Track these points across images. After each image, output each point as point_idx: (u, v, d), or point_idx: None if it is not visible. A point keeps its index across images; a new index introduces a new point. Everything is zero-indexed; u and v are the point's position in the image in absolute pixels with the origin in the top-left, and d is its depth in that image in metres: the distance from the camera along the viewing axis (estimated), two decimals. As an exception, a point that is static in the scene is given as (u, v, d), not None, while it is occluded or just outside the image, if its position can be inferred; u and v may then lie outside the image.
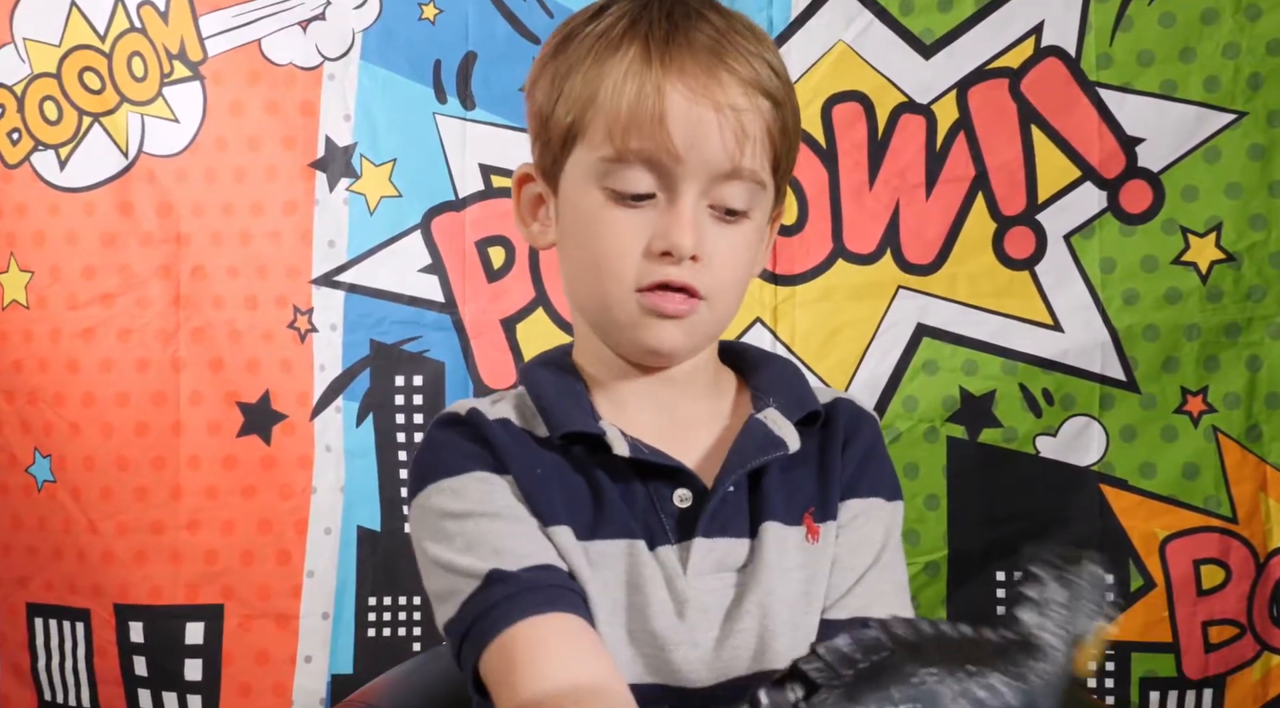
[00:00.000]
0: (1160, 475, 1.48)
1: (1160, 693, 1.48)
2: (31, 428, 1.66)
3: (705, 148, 0.72)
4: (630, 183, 0.73)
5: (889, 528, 0.81)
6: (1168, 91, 1.48)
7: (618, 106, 0.73)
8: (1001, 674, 0.53)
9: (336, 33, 1.61)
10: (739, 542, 0.77)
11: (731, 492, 0.77)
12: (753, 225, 0.76)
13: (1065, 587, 0.57)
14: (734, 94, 0.72)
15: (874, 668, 0.52)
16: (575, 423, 0.77)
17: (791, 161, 0.79)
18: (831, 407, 0.82)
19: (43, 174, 1.64)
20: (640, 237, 0.74)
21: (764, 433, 0.77)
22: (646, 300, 0.74)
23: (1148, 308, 1.48)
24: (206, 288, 1.63)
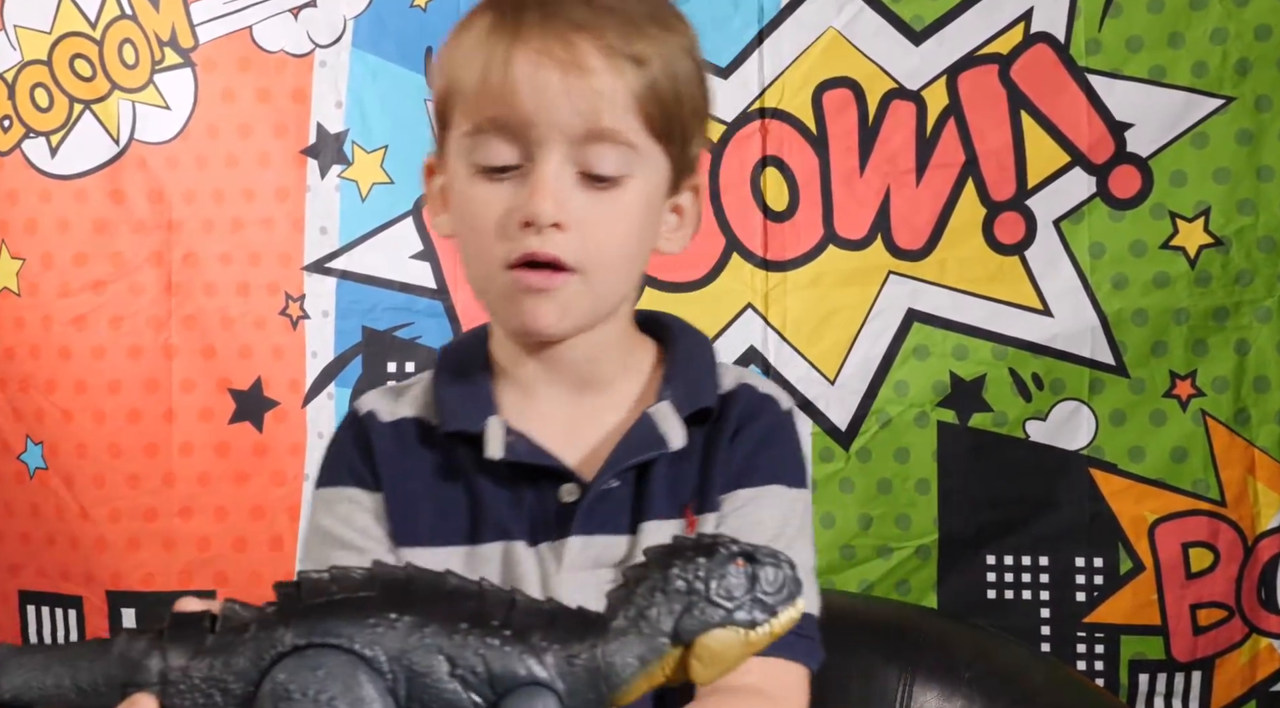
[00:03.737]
0: (1149, 459, 1.49)
1: (1149, 675, 1.48)
2: (23, 415, 1.67)
3: (556, 110, 0.71)
4: (490, 155, 0.72)
5: (786, 515, 0.78)
6: (1156, 77, 1.48)
7: (470, 79, 0.72)
8: (502, 643, 0.51)
9: (328, 20, 1.61)
10: (617, 539, 0.76)
11: (615, 488, 0.76)
12: (634, 192, 0.74)
13: (688, 578, 0.52)
14: (585, 55, 0.71)
15: (340, 604, 0.51)
16: (459, 422, 0.77)
17: (687, 128, 0.76)
18: (730, 396, 0.80)
19: (34, 161, 1.65)
20: (505, 208, 0.72)
21: (649, 430, 0.77)
22: (514, 277, 0.72)
23: (1136, 292, 1.49)
24: (198, 275, 1.64)
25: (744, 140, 1.56)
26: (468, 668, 0.50)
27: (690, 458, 0.78)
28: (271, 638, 0.51)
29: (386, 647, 0.50)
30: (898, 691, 1.04)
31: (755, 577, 0.52)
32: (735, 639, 0.52)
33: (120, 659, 0.53)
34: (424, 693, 0.50)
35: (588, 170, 0.72)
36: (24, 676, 0.54)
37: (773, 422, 0.80)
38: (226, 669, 0.51)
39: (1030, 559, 1.51)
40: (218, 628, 0.52)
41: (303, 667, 0.50)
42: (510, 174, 0.72)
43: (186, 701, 0.52)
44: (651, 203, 0.76)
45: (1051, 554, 1.50)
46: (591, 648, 0.51)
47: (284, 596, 0.52)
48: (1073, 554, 1.50)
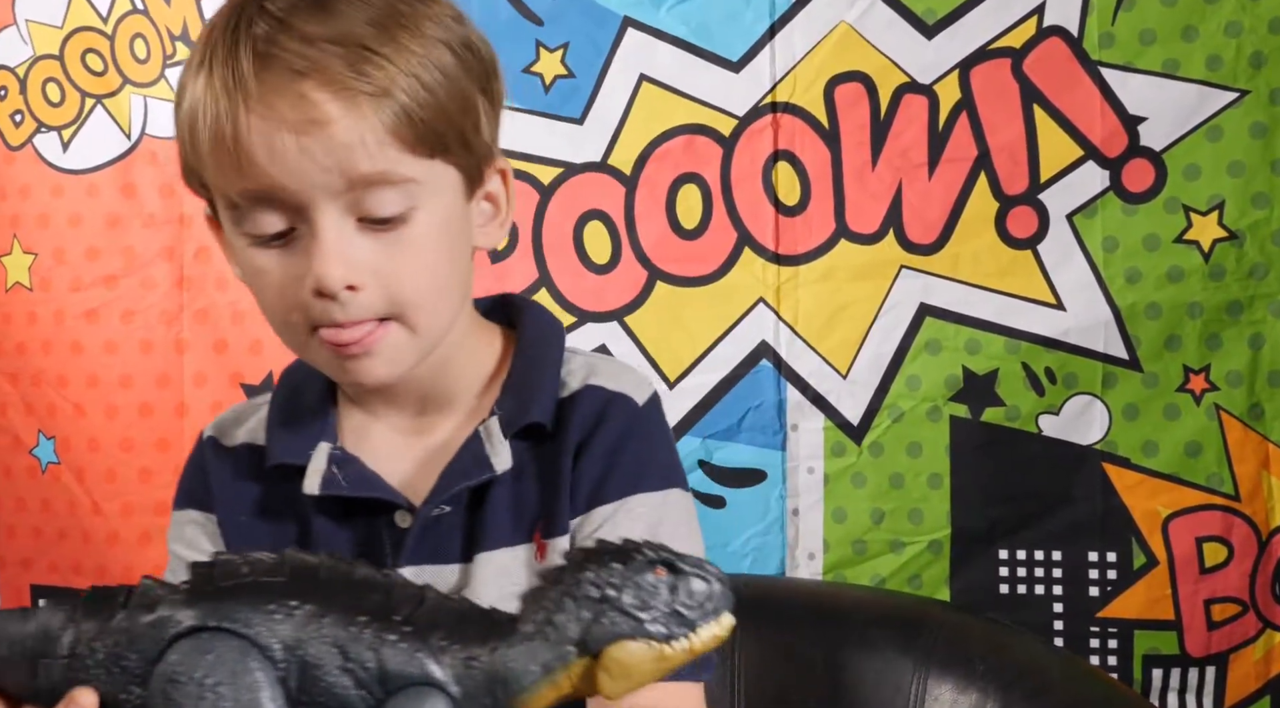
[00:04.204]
0: (1163, 454, 1.48)
1: (1163, 671, 1.48)
2: (35, 410, 1.68)
3: (306, 174, 0.65)
4: (260, 225, 0.67)
5: (655, 524, 0.73)
6: (1170, 70, 1.48)
7: (206, 152, 0.66)
8: (399, 639, 0.49)
9: (339, 14, 1.62)
10: (448, 568, 0.73)
11: (446, 513, 0.72)
12: (424, 222, 0.68)
13: (600, 584, 0.49)
14: (318, 107, 0.64)
15: (247, 587, 0.51)
16: (285, 454, 0.74)
17: (463, 129, 0.70)
18: (572, 400, 0.75)
19: (46, 156, 1.66)
20: (292, 278, 0.67)
21: (476, 452, 0.72)
22: (327, 343, 0.68)
23: (1150, 286, 1.48)
24: (210, 269, 1.65)
25: (755, 135, 1.56)
26: (359, 663, 0.49)
27: (531, 476, 0.73)
28: (173, 618, 0.51)
29: (281, 635, 0.49)
30: (912, 683, 1.03)
31: (675, 588, 0.49)
32: (647, 653, 0.49)
33: (37, 631, 0.53)
34: (314, 685, 0.49)
35: (367, 216, 0.67)
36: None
37: (623, 425, 0.74)
38: (129, 646, 0.51)
39: (1043, 554, 1.51)
40: (130, 603, 0.52)
41: (195, 650, 0.50)
42: (288, 237, 0.67)
43: (91, 675, 0.52)
44: (450, 220, 0.71)
45: (1064, 549, 1.49)
46: (492, 652, 0.49)
47: (197, 575, 0.52)
48: (1086, 549, 1.50)
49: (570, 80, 1.59)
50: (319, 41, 0.65)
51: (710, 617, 0.49)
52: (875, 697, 1.05)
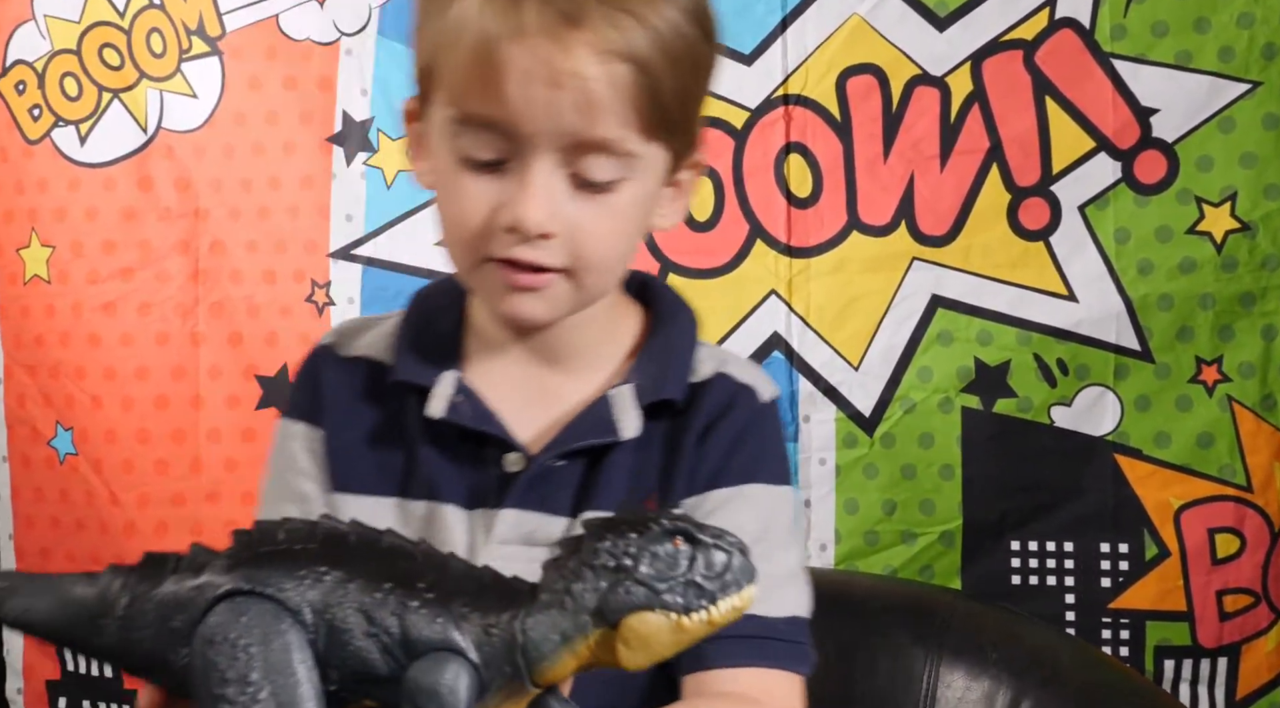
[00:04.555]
0: (1175, 445, 1.49)
1: (1175, 662, 1.48)
2: (53, 401, 1.69)
3: (547, 119, 0.66)
4: (477, 148, 0.68)
5: (768, 516, 0.74)
6: (1182, 62, 1.48)
7: (457, 63, 0.67)
8: (422, 606, 0.50)
9: (353, 8, 1.62)
10: (555, 520, 0.73)
11: (561, 466, 0.73)
12: (628, 194, 0.70)
13: (617, 554, 0.49)
14: (580, 60, 0.65)
15: (282, 553, 0.53)
16: (409, 373, 0.75)
17: (688, 117, 0.71)
18: (703, 386, 0.76)
19: (63, 150, 1.66)
20: (490, 206, 0.68)
21: (603, 414, 0.73)
22: (498, 272, 0.69)
23: (1162, 278, 1.48)
24: (225, 262, 1.65)
25: (768, 127, 1.56)
26: (383, 628, 0.50)
27: (652, 451, 0.74)
28: (215, 582, 0.53)
29: (311, 599, 0.51)
30: (925, 671, 1.04)
31: (694, 558, 0.49)
32: (664, 624, 0.49)
33: (97, 594, 0.56)
34: (341, 648, 0.51)
35: (580, 174, 0.68)
36: (27, 601, 0.58)
37: (749, 416, 0.76)
38: (177, 609, 0.53)
39: (1055, 545, 1.51)
40: (180, 568, 0.55)
41: (230, 612, 0.52)
42: (498, 168, 0.68)
43: (143, 635, 0.54)
44: (647, 199, 0.72)
45: (1076, 540, 1.50)
46: (512, 620, 0.50)
47: (239, 542, 0.54)
48: (1098, 540, 1.50)
49: (583, 73, 1.60)
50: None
51: (730, 589, 0.49)
52: (888, 685, 1.05)
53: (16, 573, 0.60)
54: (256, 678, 0.50)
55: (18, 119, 1.66)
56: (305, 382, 0.79)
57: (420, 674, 0.49)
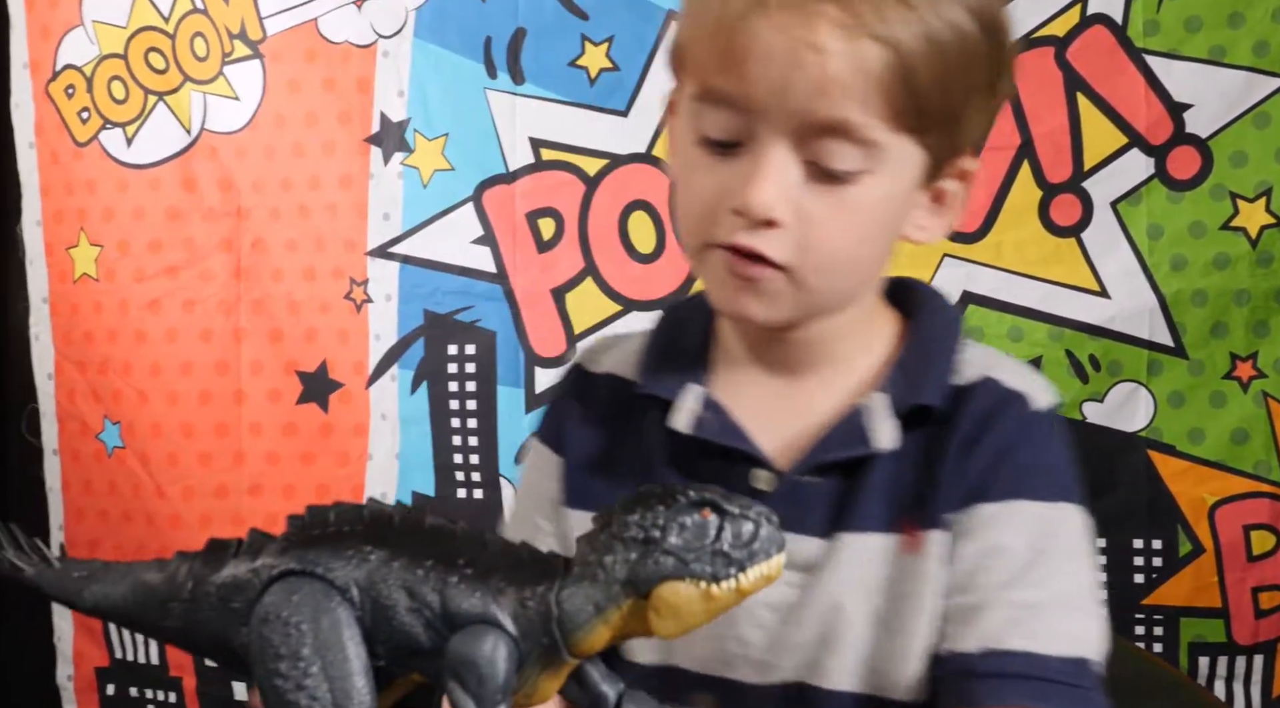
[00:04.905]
0: (1209, 441, 1.48)
1: (1210, 658, 1.48)
2: (101, 396, 1.73)
3: (783, 95, 0.62)
4: (713, 127, 0.65)
5: (1039, 537, 0.67)
6: (1216, 57, 1.47)
7: (702, 38, 0.65)
8: (461, 581, 0.52)
9: (390, 11, 1.65)
10: (809, 541, 0.69)
11: (814, 483, 0.69)
12: (869, 190, 0.64)
13: (645, 526, 0.50)
14: (823, 34, 0.61)
15: (331, 536, 0.54)
16: (654, 386, 0.72)
17: (954, 111, 0.65)
18: (967, 391, 0.70)
19: (111, 151, 1.71)
20: (720, 188, 0.65)
21: (855, 427, 0.69)
22: (721, 257, 0.65)
23: (1196, 274, 1.48)
24: (266, 260, 1.69)
25: (799, 125, 1.57)
26: (425, 603, 0.52)
27: (910, 464, 0.69)
28: (269, 564, 0.55)
29: (357, 578, 0.53)
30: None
31: (722, 528, 0.50)
32: (694, 593, 0.49)
33: (166, 578, 0.59)
34: (386, 624, 0.53)
35: (817, 162, 0.64)
36: (103, 588, 0.60)
37: (1019, 424, 0.69)
38: (236, 591, 0.56)
39: (1087, 541, 1.51)
40: (239, 553, 0.57)
41: (283, 592, 0.54)
42: (733, 151, 0.65)
43: (208, 614, 0.57)
44: (893, 199, 0.66)
45: (1110, 536, 1.49)
46: (547, 592, 0.51)
47: (292, 526, 0.56)
48: (1131, 536, 1.49)
49: (615, 73, 1.61)
50: None
51: (759, 558, 0.49)
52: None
53: (93, 561, 0.62)
54: (308, 653, 0.52)
55: (67, 122, 1.71)
56: (555, 404, 0.79)
57: (460, 646, 0.51)
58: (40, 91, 1.71)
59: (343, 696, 0.52)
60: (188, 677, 1.74)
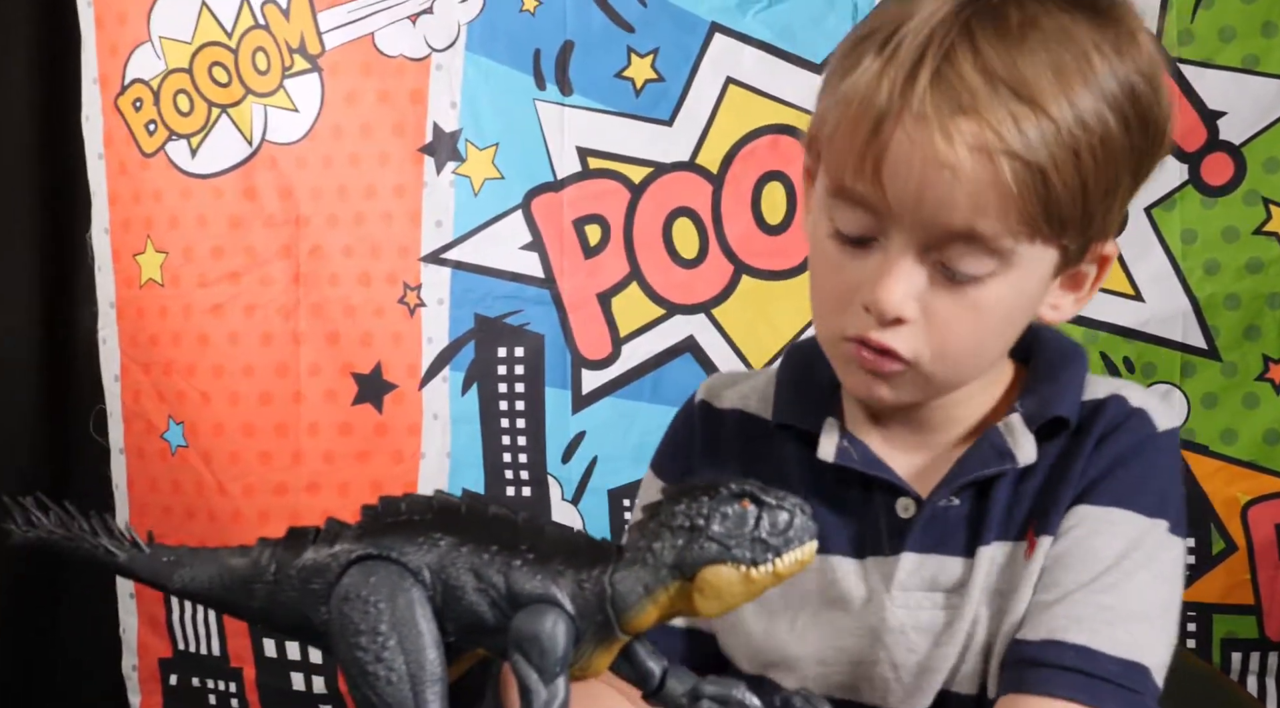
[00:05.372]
0: (1242, 441, 1.51)
1: (1242, 654, 1.50)
2: (166, 397, 1.78)
3: (920, 206, 0.64)
4: (848, 223, 0.67)
5: (1131, 546, 0.69)
6: (1249, 66, 1.50)
7: (840, 134, 0.66)
8: (523, 565, 0.56)
9: (443, 25, 1.70)
10: (953, 560, 0.72)
11: (954, 506, 0.72)
12: (997, 291, 0.66)
13: (690, 515, 0.54)
14: (959, 151, 0.62)
15: (403, 524, 0.59)
16: (793, 417, 0.75)
17: (1090, 212, 0.65)
18: (1097, 406, 0.72)
19: (176, 162, 1.75)
20: (853, 283, 0.67)
21: (997, 444, 0.71)
22: (851, 348, 0.69)
23: (1229, 278, 1.50)
24: (324, 266, 1.73)
25: (838, 133, 1.61)
26: (490, 584, 0.57)
27: (1038, 474, 0.72)
28: (347, 549, 0.60)
29: (429, 562, 0.58)
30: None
31: (760, 518, 0.53)
32: (735, 576, 0.53)
33: (250, 562, 0.63)
34: (455, 604, 0.57)
35: (947, 264, 0.66)
36: (191, 572, 0.65)
37: (1137, 438, 0.72)
38: (316, 574, 0.60)
39: (1122, 539, 1.54)
40: (318, 539, 0.62)
41: (362, 574, 0.58)
42: (865, 246, 0.67)
43: (290, 595, 0.61)
44: (1021, 297, 0.68)
45: None
46: (602, 575, 0.55)
47: (367, 515, 0.61)
48: (1164, 534, 1.52)
49: (660, 84, 1.66)
50: (1000, 85, 0.62)
51: (793, 544, 0.53)
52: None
53: (180, 547, 0.67)
54: (385, 629, 0.57)
55: (135, 134, 1.76)
56: (674, 441, 0.82)
57: (524, 623, 0.55)
58: (109, 105, 1.77)
59: (417, 667, 0.57)
60: (248, 668, 1.79)
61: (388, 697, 0.56)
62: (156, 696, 1.84)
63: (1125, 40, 0.66)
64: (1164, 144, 0.69)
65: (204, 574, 0.65)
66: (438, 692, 0.57)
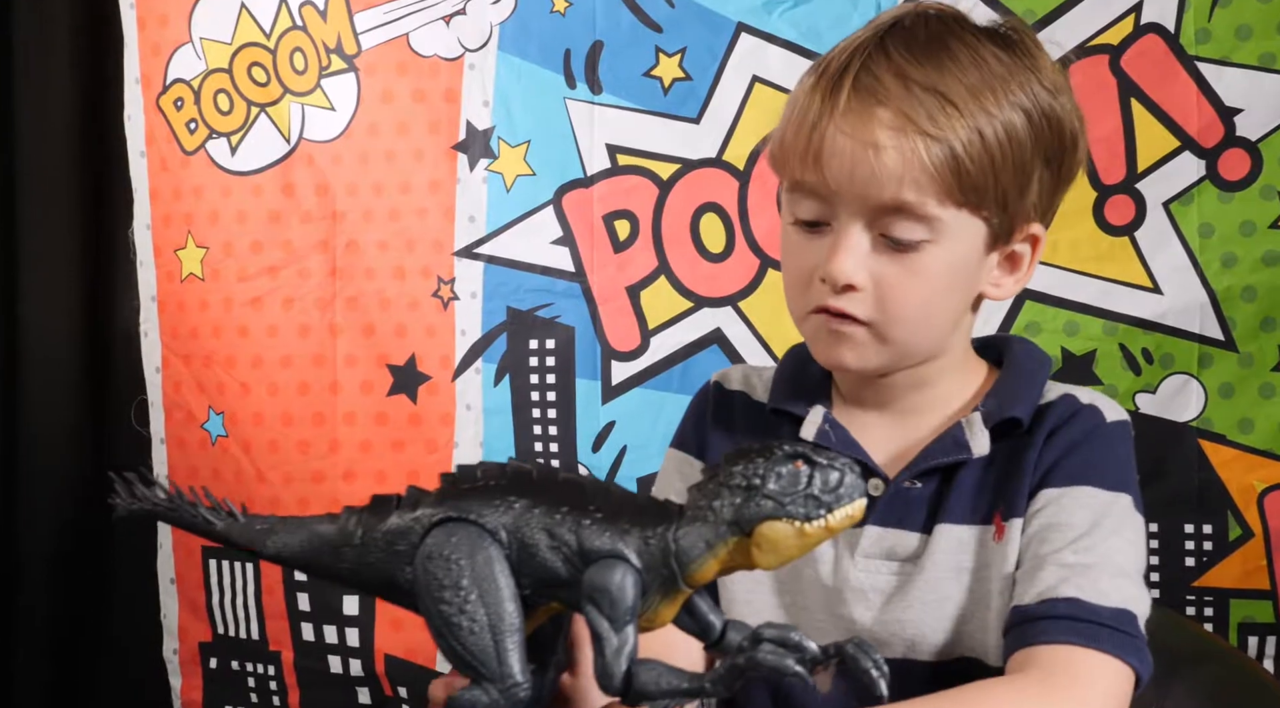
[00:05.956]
0: (1258, 430, 1.53)
1: (1259, 638, 1.53)
2: (206, 388, 1.82)
3: (852, 184, 0.75)
4: (803, 211, 0.79)
5: (1101, 514, 0.77)
6: (1266, 63, 1.52)
7: (789, 141, 0.79)
8: (593, 523, 0.60)
9: (476, 26, 1.73)
10: (910, 535, 0.81)
11: (916, 488, 0.81)
12: (933, 257, 0.76)
13: (747, 474, 0.57)
14: (878, 133, 0.74)
15: (479, 488, 0.63)
16: (785, 402, 0.86)
17: (1007, 190, 0.77)
18: (1049, 406, 0.82)
19: (216, 159, 1.79)
20: (813, 264, 0.78)
21: (957, 437, 0.81)
22: (817, 318, 0.79)
23: (1245, 270, 1.53)
24: (359, 261, 1.77)
25: (862, 130, 1.64)
26: (563, 542, 0.61)
27: (1002, 465, 0.81)
28: (429, 513, 0.64)
29: (505, 523, 0.62)
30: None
31: (812, 476, 0.57)
32: (790, 530, 0.57)
33: (338, 528, 0.68)
34: (530, 561, 0.62)
35: (886, 233, 0.76)
36: (284, 538, 0.70)
37: (1088, 426, 0.81)
38: (400, 537, 0.65)
39: (1140, 526, 1.57)
40: (401, 506, 0.66)
41: (443, 534, 0.63)
42: (820, 229, 0.78)
43: (376, 557, 0.66)
44: (958, 264, 0.78)
45: (1161, 521, 1.54)
46: (665, 532, 0.59)
47: (445, 482, 0.65)
48: (1183, 521, 1.55)
49: (688, 83, 1.69)
50: (913, 85, 0.75)
51: (844, 501, 0.57)
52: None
53: (271, 516, 0.71)
54: (467, 584, 0.62)
55: (176, 132, 1.81)
56: (692, 418, 0.91)
57: (595, 576, 0.60)
58: (151, 104, 1.81)
59: (496, 618, 0.61)
60: (286, 651, 1.83)
61: (471, 645, 0.61)
62: (196, 678, 1.88)
63: (1026, 58, 0.79)
64: (1075, 141, 0.81)
65: (295, 540, 0.69)
66: (516, 641, 0.61)
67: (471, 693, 0.61)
